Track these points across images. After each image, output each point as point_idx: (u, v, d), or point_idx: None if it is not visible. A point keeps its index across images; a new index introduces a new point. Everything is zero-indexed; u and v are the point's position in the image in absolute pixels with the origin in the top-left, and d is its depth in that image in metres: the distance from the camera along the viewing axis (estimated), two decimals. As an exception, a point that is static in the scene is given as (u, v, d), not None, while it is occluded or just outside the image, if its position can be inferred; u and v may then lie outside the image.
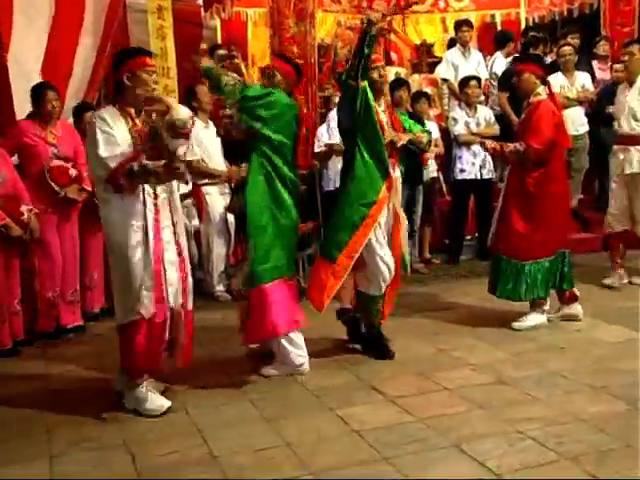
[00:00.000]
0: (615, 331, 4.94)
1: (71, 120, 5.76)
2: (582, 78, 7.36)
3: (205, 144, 6.06)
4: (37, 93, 5.17)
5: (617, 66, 7.05)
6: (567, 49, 7.36)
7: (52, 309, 5.22)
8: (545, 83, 5.06)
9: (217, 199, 6.18)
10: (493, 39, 8.87)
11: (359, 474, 3.11)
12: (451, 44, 8.84)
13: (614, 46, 8.12)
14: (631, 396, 3.77)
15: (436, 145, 6.74)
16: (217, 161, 6.20)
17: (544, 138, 4.85)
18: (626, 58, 6.06)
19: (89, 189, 5.19)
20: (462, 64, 8.18)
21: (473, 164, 7.07)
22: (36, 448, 3.51)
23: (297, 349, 4.32)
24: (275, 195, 4.26)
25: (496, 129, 7.19)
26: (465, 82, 7.24)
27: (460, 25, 8.40)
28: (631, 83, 6.00)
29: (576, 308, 5.22)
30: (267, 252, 4.24)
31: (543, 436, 3.36)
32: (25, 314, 5.08)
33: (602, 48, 8.12)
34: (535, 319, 5.10)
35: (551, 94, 5.08)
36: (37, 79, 5.56)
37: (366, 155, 4.37)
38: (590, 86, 7.38)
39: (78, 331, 5.36)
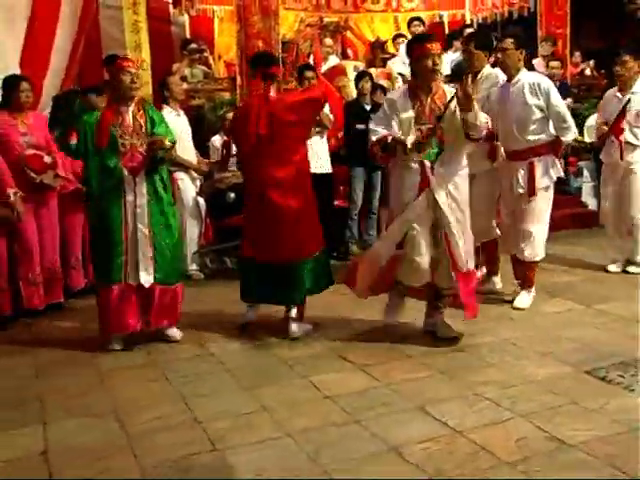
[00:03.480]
0: (557, 303, 5.10)
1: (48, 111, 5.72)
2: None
3: (177, 132, 6.00)
4: (10, 83, 5.07)
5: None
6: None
7: (32, 288, 5.09)
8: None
9: (189, 184, 6.22)
10: (443, 37, 9.01)
11: (334, 434, 3.18)
12: (395, 38, 9.04)
13: (557, 45, 8.49)
14: (574, 360, 3.93)
15: None
16: (188, 148, 6.18)
17: None
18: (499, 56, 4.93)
19: (63, 175, 5.18)
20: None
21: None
22: (28, 415, 3.50)
23: None
24: None
25: None
26: None
27: (412, 21, 8.54)
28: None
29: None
30: None
31: (498, 397, 3.48)
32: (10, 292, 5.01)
33: (545, 48, 8.37)
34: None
35: None
36: (17, 72, 5.48)
37: None
38: None
39: (58, 308, 5.32)
